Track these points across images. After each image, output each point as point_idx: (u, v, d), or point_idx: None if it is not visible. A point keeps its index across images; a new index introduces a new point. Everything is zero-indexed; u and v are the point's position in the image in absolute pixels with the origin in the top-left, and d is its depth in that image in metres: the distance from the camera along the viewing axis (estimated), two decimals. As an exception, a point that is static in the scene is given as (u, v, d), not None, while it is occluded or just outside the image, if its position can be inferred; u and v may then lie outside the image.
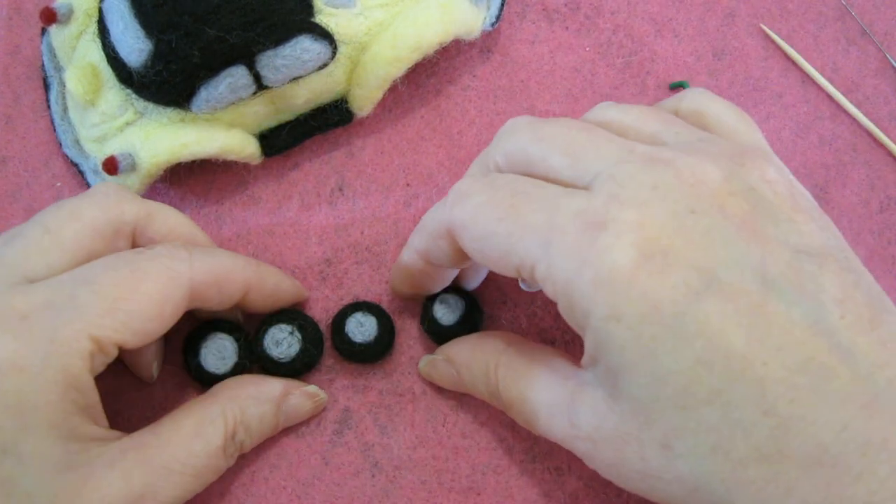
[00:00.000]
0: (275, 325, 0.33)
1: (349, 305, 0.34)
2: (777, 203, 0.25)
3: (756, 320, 0.23)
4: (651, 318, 0.23)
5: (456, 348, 0.32)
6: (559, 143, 0.27)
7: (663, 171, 0.25)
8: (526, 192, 0.26)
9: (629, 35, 0.39)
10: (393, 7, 0.35)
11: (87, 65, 0.34)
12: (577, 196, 0.25)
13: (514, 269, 0.26)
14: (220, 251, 0.32)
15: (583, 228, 0.24)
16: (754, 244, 0.24)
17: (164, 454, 0.28)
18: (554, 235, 0.25)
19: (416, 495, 0.33)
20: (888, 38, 0.39)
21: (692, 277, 0.23)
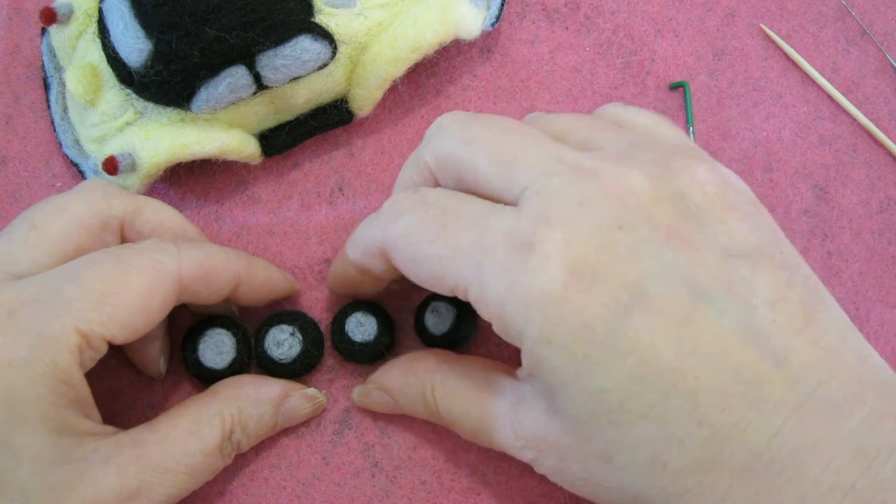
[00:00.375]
0: (276, 325, 0.33)
1: (349, 305, 0.34)
2: (706, 205, 0.25)
3: (686, 331, 0.23)
4: (582, 337, 0.23)
5: (387, 375, 0.32)
6: (487, 147, 0.27)
7: (590, 183, 0.25)
8: (455, 210, 0.26)
9: (629, 35, 0.39)
10: (393, 7, 0.35)
11: (87, 65, 0.34)
12: (505, 214, 0.25)
13: (448, 291, 0.27)
14: (209, 245, 0.32)
15: (511, 250, 0.24)
16: (682, 253, 0.24)
17: (160, 451, 0.28)
18: (484, 257, 0.25)
19: (416, 495, 0.33)
20: (888, 38, 0.39)
21: (621, 293, 0.23)
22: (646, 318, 0.23)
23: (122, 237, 0.31)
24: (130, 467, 0.27)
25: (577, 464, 0.26)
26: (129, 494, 0.27)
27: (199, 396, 0.31)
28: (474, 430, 0.29)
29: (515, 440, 0.27)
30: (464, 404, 0.29)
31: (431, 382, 0.30)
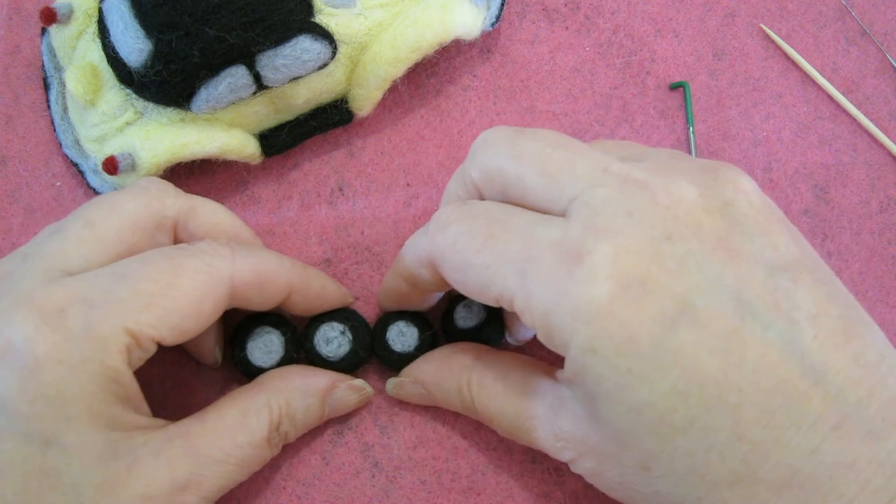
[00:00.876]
0: (327, 322, 0.33)
1: (394, 312, 0.34)
2: (752, 216, 0.25)
3: (731, 346, 0.23)
4: (628, 350, 0.23)
5: (422, 368, 0.32)
6: (536, 161, 0.27)
7: (638, 194, 0.25)
8: (502, 220, 0.26)
9: (629, 35, 0.39)
10: (393, 7, 0.35)
11: (87, 65, 0.34)
12: (552, 225, 0.25)
13: (494, 300, 0.26)
14: (265, 251, 0.31)
15: (559, 260, 0.24)
16: (730, 265, 0.24)
17: (210, 443, 0.28)
18: (530, 267, 0.25)
19: (416, 495, 0.33)
20: (888, 38, 0.39)
21: (668, 306, 0.23)
22: (692, 332, 0.23)
23: (176, 238, 0.31)
24: (180, 460, 0.27)
25: (614, 469, 0.26)
26: (180, 487, 0.27)
27: (246, 387, 0.31)
28: (511, 427, 0.29)
29: (555, 441, 0.27)
30: (501, 402, 0.29)
31: (468, 378, 0.30)
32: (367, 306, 0.35)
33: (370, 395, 0.33)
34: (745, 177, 0.26)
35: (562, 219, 0.25)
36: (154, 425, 0.28)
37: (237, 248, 0.30)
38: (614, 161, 0.26)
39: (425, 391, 0.32)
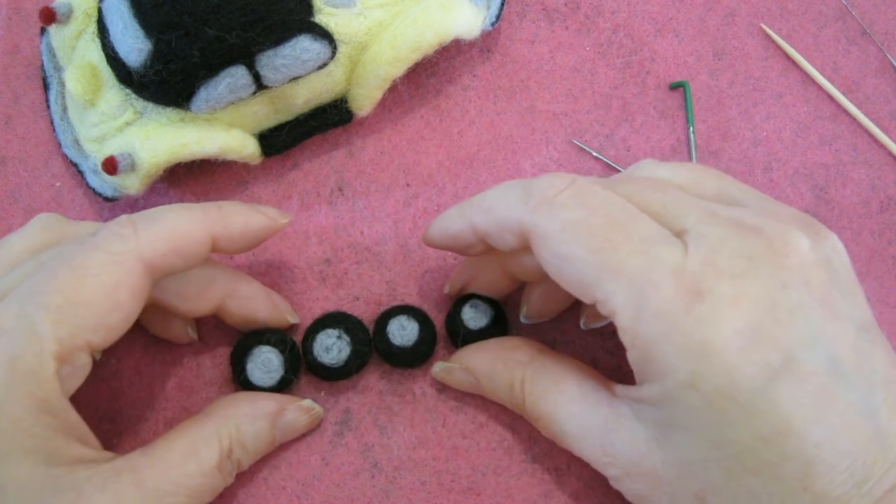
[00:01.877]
0: (322, 331, 0.33)
1: (396, 307, 0.34)
2: (845, 274, 0.26)
3: (819, 402, 0.24)
4: (727, 392, 0.24)
5: (476, 358, 0.32)
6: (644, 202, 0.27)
7: (756, 240, 0.25)
8: (623, 226, 0.26)
9: (629, 35, 0.39)
10: (393, 7, 0.35)
11: (87, 65, 0.34)
12: (673, 248, 0.25)
13: (589, 298, 0.26)
14: (171, 210, 0.29)
15: (679, 292, 0.24)
16: (829, 323, 0.25)
17: (158, 475, 0.28)
18: (648, 290, 0.25)
19: (416, 495, 0.33)
20: (888, 38, 0.39)
21: (773, 357, 0.24)
22: (789, 386, 0.24)
23: None
24: (128, 493, 0.27)
25: (666, 496, 0.26)
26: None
27: (195, 417, 0.31)
28: (559, 433, 0.29)
29: (603, 456, 0.27)
30: (552, 407, 0.29)
31: (522, 376, 0.30)
32: (368, 306, 0.35)
33: (320, 414, 0.33)
34: (835, 235, 0.27)
35: (680, 243, 0.25)
36: (100, 458, 0.27)
37: (140, 220, 0.28)
38: (722, 207, 0.26)
39: (474, 380, 0.32)
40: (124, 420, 0.33)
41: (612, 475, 0.28)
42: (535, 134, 0.38)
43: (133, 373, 0.34)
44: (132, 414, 0.34)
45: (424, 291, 0.35)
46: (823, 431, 0.24)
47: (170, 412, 0.34)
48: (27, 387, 0.26)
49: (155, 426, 0.33)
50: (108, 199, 0.35)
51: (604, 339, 0.35)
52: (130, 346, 0.34)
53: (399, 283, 0.35)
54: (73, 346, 0.26)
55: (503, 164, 0.37)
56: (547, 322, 0.35)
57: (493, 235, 0.29)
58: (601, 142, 0.38)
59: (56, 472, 0.26)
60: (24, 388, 0.25)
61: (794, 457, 0.24)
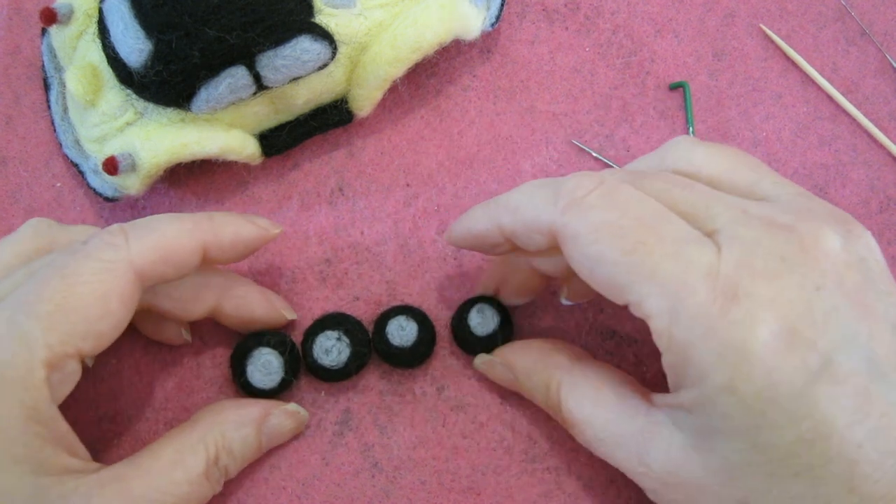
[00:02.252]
0: (321, 333, 0.33)
1: (395, 307, 0.34)
2: (879, 273, 0.26)
3: (860, 404, 0.24)
4: (767, 395, 0.24)
5: (518, 355, 0.32)
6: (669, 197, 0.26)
7: (788, 239, 0.25)
8: (654, 227, 0.25)
9: (629, 35, 0.39)
10: (393, 7, 0.35)
11: (87, 65, 0.34)
12: (706, 249, 0.25)
13: (621, 300, 0.26)
14: (163, 220, 0.29)
15: (714, 295, 0.24)
16: (864, 323, 0.24)
17: (145, 485, 0.28)
18: (682, 293, 0.25)
19: (416, 495, 0.33)
20: (888, 38, 0.39)
21: (812, 359, 0.24)
22: (829, 388, 0.24)
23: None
24: (115, 503, 0.27)
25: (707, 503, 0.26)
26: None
27: (181, 426, 0.31)
28: (593, 439, 0.29)
29: (639, 465, 0.27)
30: (588, 412, 0.29)
31: (559, 379, 0.30)
32: (367, 306, 0.35)
33: (305, 418, 0.33)
34: (868, 232, 0.27)
35: (713, 244, 0.25)
36: (88, 469, 0.27)
37: (132, 229, 0.28)
38: (752, 205, 0.26)
39: (513, 377, 0.32)
40: (124, 420, 0.33)
41: (648, 487, 0.27)
42: (535, 134, 0.38)
43: (133, 373, 0.34)
44: (132, 414, 0.34)
45: (424, 291, 0.35)
46: (865, 432, 0.24)
47: (170, 412, 0.34)
48: (16, 394, 0.25)
49: (155, 426, 0.33)
50: (109, 200, 0.35)
51: (604, 339, 0.35)
52: (130, 346, 0.34)
53: (399, 284, 0.35)
54: (63, 354, 0.26)
55: (503, 165, 0.37)
56: (550, 323, 0.35)
57: (520, 235, 0.29)
58: (601, 142, 0.38)
59: (44, 481, 0.26)
60: (13, 395, 0.25)
61: (837, 458, 0.24)
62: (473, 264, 0.36)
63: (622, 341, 0.35)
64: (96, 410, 0.34)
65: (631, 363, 0.34)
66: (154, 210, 0.36)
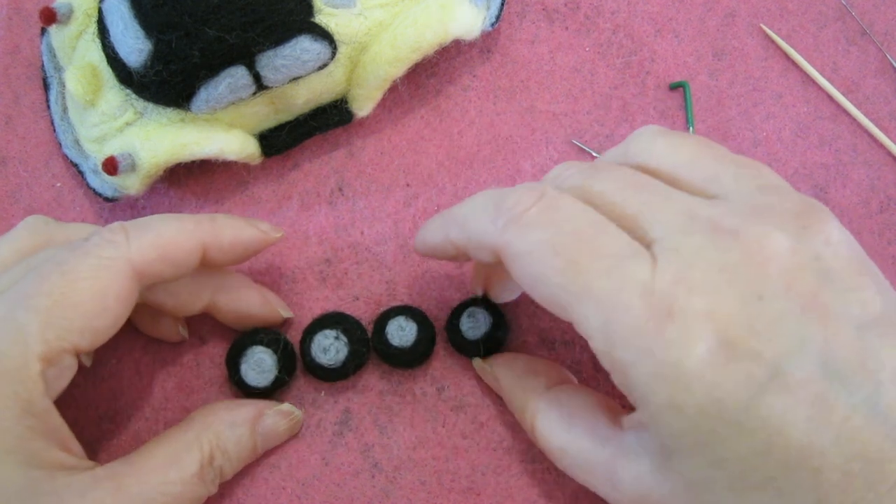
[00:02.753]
0: (319, 332, 0.33)
1: (395, 308, 0.34)
2: (840, 270, 0.24)
3: (816, 411, 0.23)
4: (712, 411, 0.23)
5: (503, 371, 0.32)
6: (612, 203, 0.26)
7: (730, 247, 0.24)
8: (591, 242, 0.25)
9: (629, 35, 0.39)
10: (393, 7, 0.35)
11: (87, 65, 0.34)
12: (643, 263, 0.24)
13: (566, 318, 0.26)
14: (164, 218, 0.30)
15: (648, 313, 0.24)
16: (818, 326, 0.23)
17: (139, 482, 0.28)
18: (617, 312, 0.24)
19: (415, 495, 0.33)
20: (888, 38, 0.39)
21: (757, 371, 0.23)
22: (779, 398, 0.23)
23: None
24: (108, 501, 0.27)
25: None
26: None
27: (175, 427, 0.31)
28: (568, 466, 0.29)
29: (612, 491, 0.27)
30: (562, 441, 0.29)
31: (535, 407, 0.30)
32: (367, 306, 0.35)
33: (300, 418, 0.33)
34: (834, 224, 0.25)
35: (650, 258, 0.24)
36: (82, 466, 0.27)
37: (132, 228, 0.29)
38: (698, 204, 0.25)
39: (499, 388, 0.33)
40: (124, 420, 0.33)
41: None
42: (535, 134, 0.38)
43: (132, 373, 0.34)
44: (132, 414, 0.34)
45: (424, 291, 0.35)
46: (828, 438, 0.23)
47: (169, 412, 0.34)
48: (11, 386, 0.26)
49: (154, 426, 0.33)
50: (109, 200, 0.35)
51: (604, 339, 0.35)
52: (130, 345, 0.34)
53: (399, 284, 0.35)
54: (59, 349, 0.26)
55: (503, 164, 0.37)
56: (549, 323, 0.35)
57: (470, 249, 0.29)
58: (601, 142, 0.38)
59: (35, 474, 0.26)
60: (8, 387, 0.26)
61: (798, 468, 0.23)
62: (473, 264, 0.36)
63: (622, 341, 0.35)
64: (96, 410, 0.34)
65: (631, 363, 0.34)
66: (154, 210, 0.36)
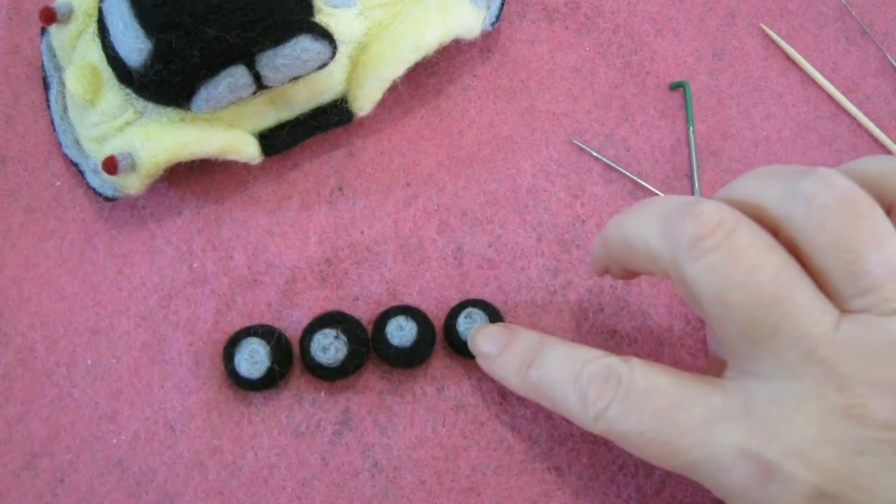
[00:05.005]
0: (318, 331, 0.33)
1: (394, 307, 0.34)
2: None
3: None
4: None
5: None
6: (741, 321, 0.24)
7: (836, 399, 0.23)
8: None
9: (629, 35, 0.39)
10: (393, 7, 0.35)
11: (87, 64, 0.34)
12: (732, 425, 0.25)
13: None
14: None
15: (749, 470, 0.24)
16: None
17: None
18: (720, 473, 0.25)
19: (415, 495, 0.33)
20: (888, 37, 0.39)
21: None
22: None
23: None
24: None
25: None
26: None
27: None
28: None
29: None
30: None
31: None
32: (367, 306, 0.35)
33: None
34: None
35: (741, 414, 0.25)
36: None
37: None
38: (822, 342, 0.24)
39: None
40: (124, 420, 0.33)
41: None
42: (535, 134, 0.38)
43: (133, 373, 0.34)
44: (132, 414, 0.34)
45: (424, 291, 0.35)
46: None
47: (169, 412, 0.34)
48: None
49: (155, 426, 0.33)
50: (109, 199, 0.35)
51: (604, 338, 0.35)
52: (129, 345, 0.34)
53: (399, 283, 0.35)
54: None
55: (503, 164, 0.37)
56: (550, 323, 0.35)
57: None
58: (601, 142, 0.38)
59: None
60: None
61: None
62: (473, 264, 0.36)
63: (622, 341, 0.35)
64: (96, 410, 0.34)
65: (631, 363, 0.34)
66: (154, 210, 0.36)
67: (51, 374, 0.34)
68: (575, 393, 0.28)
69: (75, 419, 0.33)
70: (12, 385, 0.34)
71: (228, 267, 0.35)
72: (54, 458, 0.33)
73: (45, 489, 0.33)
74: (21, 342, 0.34)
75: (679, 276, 0.25)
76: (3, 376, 0.34)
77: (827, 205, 0.24)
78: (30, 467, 0.33)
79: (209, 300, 0.35)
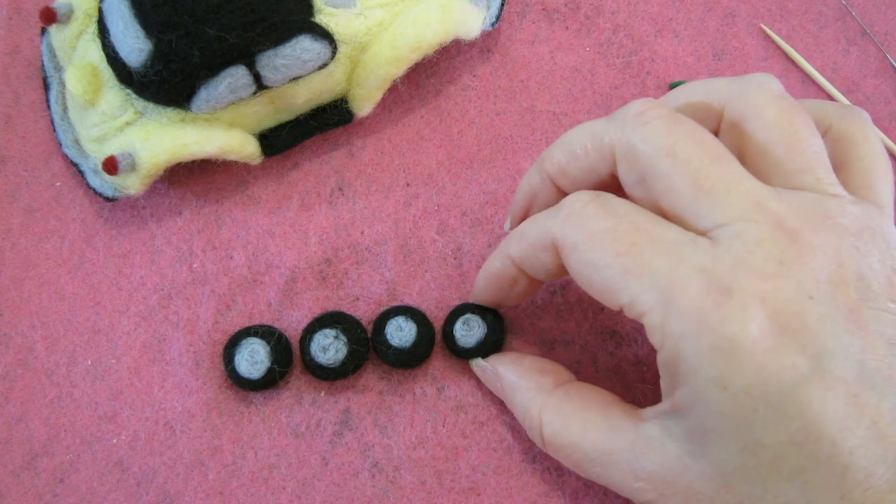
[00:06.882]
0: (318, 331, 0.33)
1: (394, 308, 0.34)
2: (879, 293, 0.25)
3: (850, 410, 0.24)
4: (757, 391, 0.24)
5: (506, 369, 0.32)
6: (691, 169, 0.26)
7: (790, 246, 0.25)
8: (648, 231, 0.26)
9: (629, 35, 0.39)
10: (393, 7, 0.35)
11: (87, 65, 0.34)
12: (700, 248, 0.25)
13: (616, 304, 0.26)
14: None
15: (707, 290, 0.24)
16: (857, 336, 0.25)
17: None
18: (675, 288, 0.25)
19: (415, 495, 0.33)
20: (888, 38, 0.39)
21: (801, 361, 0.24)
22: (818, 390, 0.24)
23: None
24: None
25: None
26: None
27: None
28: (583, 462, 0.29)
29: (634, 481, 0.27)
30: (576, 436, 0.29)
31: (543, 404, 0.30)
32: (367, 306, 0.35)
33: None
34: (878, 244, 0.26)
35: (708, 243, 0.25)
36: None
37: None
38: (768, 195, 0.26)
39: (500, 387, 0.32)
40: (124, 420, 0.33)
41: (647, 500, 0.27)
42: (535, 134, 0.38)
43: (133, 373, 0.34)
44: (132, 414, 0.34)
45: (424, 291, 0.35)
46: (857, 439, 0.24)
47: (169, 412, 0.34)
48: None
49: (155, 426, 0.33)
50: (109, 199, 0.35)
51: (604, 338, 0.35)
52: (129, 345, 0.34)
53: (399, 284, 0.35)
54: None
55: (503, 164, 0.37)
56: (550, 323, 0.35)
57: (529, 260, 0.30)
58: (601, 142, 0.38)
59: None
60: None
61: (827, 463, 0.24)
62: (473, 264, 0.36)
63: (622, 341, 0.35)
64: (96, 410, 0.34)
65: (631, 363, 0.34)
66: (154, 210, 0.36)
67: (51, 374, 0.34)
68: (546, 212, 0.29)
69: (75, 419, 0.33)
70: (12, 385, 0.34)
71: (228, 267, 0.35)
72: (54, 458, 0.33)
73: (45, 489, 0.33)
74: (21, 342, 0.34)
75: (625, 146, 0.27)
76: (3, 376, 0.34)
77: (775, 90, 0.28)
78: (30, 467, 0.33)
79: (209, 300, 0.35)
